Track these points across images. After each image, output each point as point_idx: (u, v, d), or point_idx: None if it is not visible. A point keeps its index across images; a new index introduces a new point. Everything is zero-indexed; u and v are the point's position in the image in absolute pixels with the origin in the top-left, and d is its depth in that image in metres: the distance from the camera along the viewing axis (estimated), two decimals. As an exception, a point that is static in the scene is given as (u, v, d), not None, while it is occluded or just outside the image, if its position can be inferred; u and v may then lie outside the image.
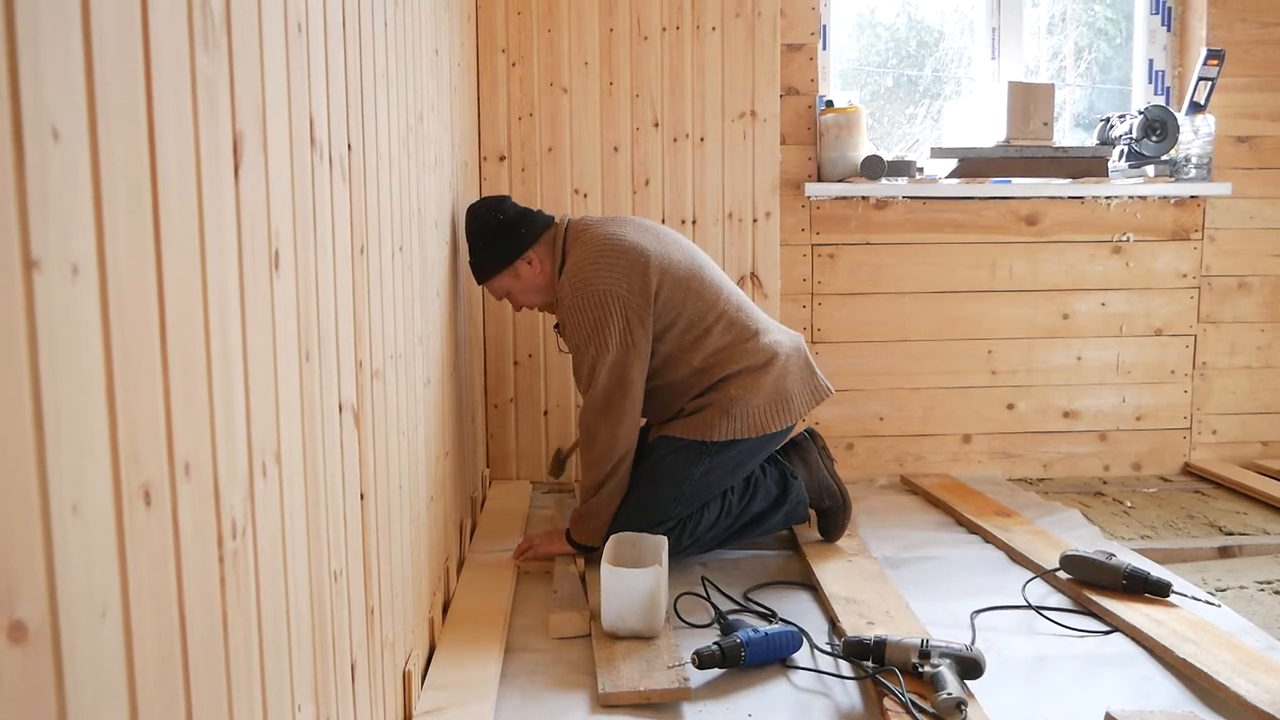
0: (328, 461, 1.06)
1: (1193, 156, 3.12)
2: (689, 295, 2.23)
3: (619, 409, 2.17)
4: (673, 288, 2.21)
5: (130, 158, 0.61)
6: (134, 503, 0.61)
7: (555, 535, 2.28)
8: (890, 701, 1.56)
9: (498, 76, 2.92)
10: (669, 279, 2.21)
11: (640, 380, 2.19)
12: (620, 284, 2.16)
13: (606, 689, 1.62)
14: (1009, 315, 3.16)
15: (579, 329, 2.18)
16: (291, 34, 0.94)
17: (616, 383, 2.16)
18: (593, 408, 2.19)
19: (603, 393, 2.17)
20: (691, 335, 2.23)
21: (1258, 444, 3.28)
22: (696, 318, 2.23)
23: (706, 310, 2.24)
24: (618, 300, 2.15)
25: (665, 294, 2.20)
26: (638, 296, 2.17)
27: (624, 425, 2.18)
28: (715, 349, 2.24)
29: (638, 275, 2.18)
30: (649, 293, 2.18)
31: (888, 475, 3.17)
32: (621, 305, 2.15)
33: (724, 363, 2.23)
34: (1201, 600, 1.99)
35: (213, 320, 0.74)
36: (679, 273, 2.23)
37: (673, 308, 2.21)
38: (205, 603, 0.72)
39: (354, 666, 1.17)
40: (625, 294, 2.16)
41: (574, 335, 2.20)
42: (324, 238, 1.05)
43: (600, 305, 2.15)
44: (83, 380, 0.55)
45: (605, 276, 2.17)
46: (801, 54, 3.06)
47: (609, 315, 2.15)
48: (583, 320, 2.17)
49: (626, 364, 2.16)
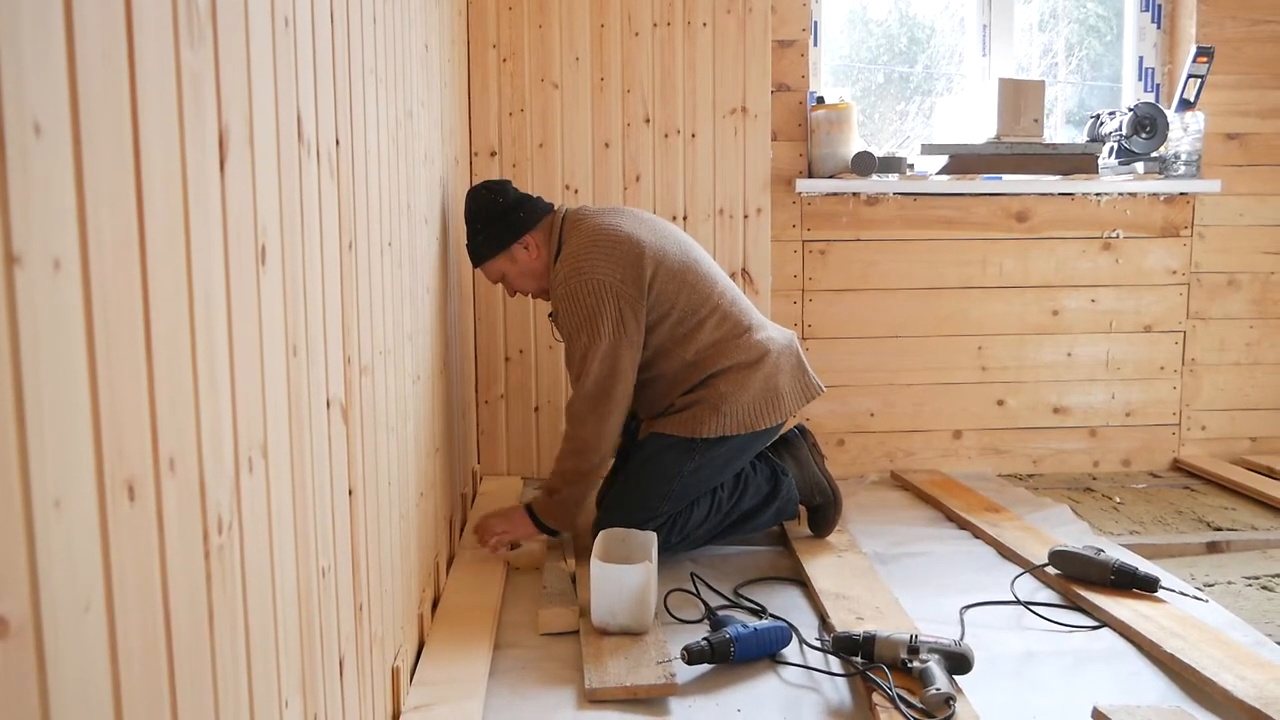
0: (315, 457, 1.06)
1: (1182, 153, 3.13)
2: (683, 287, 2.23)
3: (609, 399, 2.17)
4: (666, 279, 2.21)
5: (114, 152, 0.61)
6: (118, 497, 0.61)
7: (516, 516, 2.26)
8: (879, 697, 1.56)
9: (488, 72, 2.92)
10: (663, 270, 2.21)
11: (631, 371, 2.19)
12: (614, 274, 2.17)
13: (594, 684, 1.62)
14: (999, 311, 3.16)
15: (572, 317, 2.18)
16: (279, 28, 0.94)
17: (608, 372, 2.16)
18: (583, 397, 2.19)
19: (594, 382, 2.17)
20: (684, 328, 2.23)
21: (1246, 440, 3.29)
22: (690, 310, 2.23)
23: (700, 303, 2.24)
24: (611, 290, 2.15)
25: (659, 285, 2.20)
26: (631, 286, 2.17)
27: (613, 416, 2.19)
28: (708, 343, 2.24)
29: (632, 265, 2.18)
30: (642, 283, 2.18)
31: (878, 471, 3.18)
32: (615, 295, 2.15)
33: (716, 357, 2.24)
34: (1189, 596, 2.00)
35: (198, 315, 0.74)
36: (673, 265, 2.23)
37: (666, 299, 2.21)
38: (190, 598, 0.72)
39: (342, 662, 1.17)
40: (619, 284, 2.16)
41: (567, 323, 2.20)
42: (311, 233, 1.05)
43: (594, 294, 2.15)
44: (65, 375, 0.55)
45: (599, 266, 2.17)
46: (793, 50, 3.06)
47: (602, 304, 2.15)
48: (576, 309, 2.17)
49: (618, 354, 2.16)
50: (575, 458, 2.21)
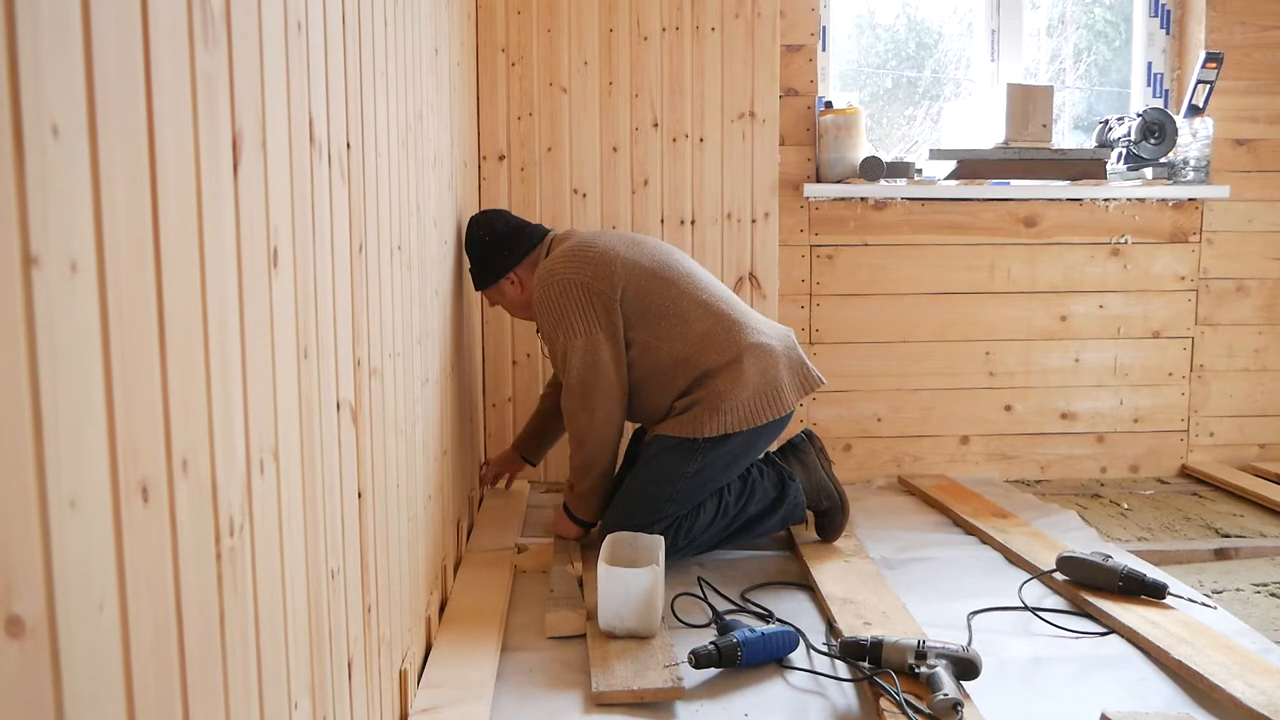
0: (325, 460, 1.06)
1: (1191, 159, 3.12)
2: (660, 282, 2.28)
3: (594, 391, 2.23)
4: (641, 275, 2.27)
5: (129, 155, 0.61)
6: (132, 499, 0.61)
7: (559, 517, 2.42)
8: (886, 702, 1.56)
9: (497, 76, 2.92)
10: (638, 268, 2.28)
11: (613, 364, 2.24)
12: (583, 272, 2.25)
13: (600, 688, 1.62)
14: (1007, 317, 3.16)
15: (547, 318, 2.27)
16: (291, 32, 0.94)
17: (589, 365, 2.23)
18: (570, 393, 2.28)
19: (576, 377, 2.24)
20: (668, 323, 2.26)
21: (1255, 446, 3.28)
22: (670, 303, 2.26)
23: (680, 296, 2.28)
24: (580, 286, 2.24)
25: (636, 282, 2.26)
26: (601, 282, 2.24)
27: (601, 408, 2.25)
28: (696, 335, 2.25)
29: (602, 265, 2.26)
30: (613, 279, 2.25)
31: (885, 476, 3.17)
32: (583, 290, 2.23)
33: (706, 351, 2.24)
34: (1198, 602, 1.99)
35: (211, 317, 0.74)
36: (648, 263, 2.30)
37: (645, 294, 2.26)
38: (202, 599, 0.72)
39: (350, 664, 1.17)
40: (588, 279, 2.24)
41: (544, 327, 2.30)
42: (323, 236, 1.06)
43: (563, 293, 2.24)
44: (81, 376, 0.55)
45: (568, 268, 2.27)
46: (801, 55, 3.06)
47: (571, 300, 2.23)
48: (550, 309, 2.26)
49: (595, 346, 2.22)
50: (578, 452, 2.32)
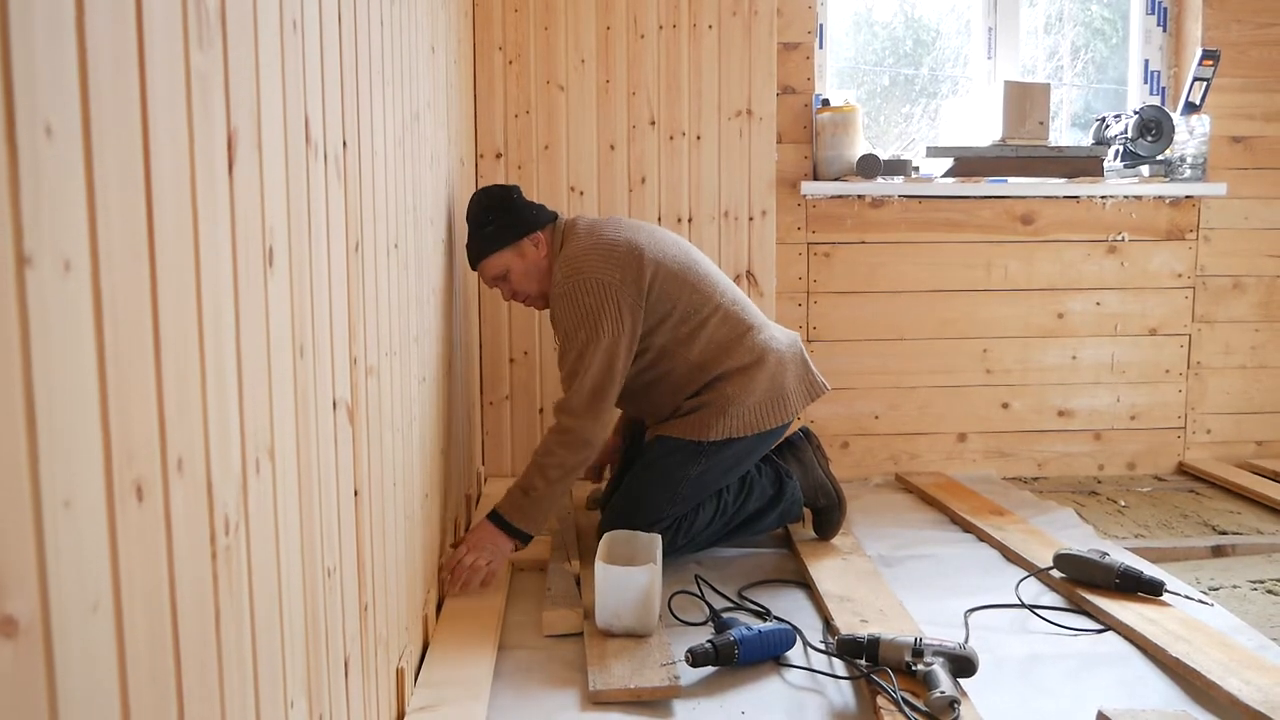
0: (322, 458, 1.06)
1: (1188, 157, 3.13)
2: (683, 287, 2.23)
3: (606, 395, 2.16)
4: (666, 279, 2.22)
5: (124, 153, 0.61)
6: (126, 498, 0.61)
7: (486, 534, 2.10)
8: (883, 700, 1.56)
9: (494, 74, 2.92)
10: (663, 271, 2.22)
11: (623, 374, 2.18)
12: (614, 274, 2.17)
13: (597, 686, 1.63)
14: (1004, 314, 3.16)
15: (570, 314, 2.17)
16: (287, 31, 0.94)
17: (606, 368, 2.14)
18: (581, 392, 2.14)
19: (592, 378, 2.14)
20: (687, 327, 2.23)
21: (1252, 444, 3.29)
22: (692, 309, 2.23)
23: (702, 303, 2.25)
24: (610, 288, 2.16)
25: (659, 286, 2.21)
26: (631, 287, 2.17)
27: (607, 412, 2.17)
28: (712, 342, 2.24)
29: (631, 267, 2.18)
30: (642, 284, 2.19)
31: (882, 474, 3.18)
32: (615, 295, 2.15)
33: (720, 357, 2.24)
34: (1195, 599, 2.00)
35: (206, 316, 0.74)
36: (673, 266, 2.24)
37: (667, 299, 2.22)
38: (197, 598, 0.72)
39: (347, 663, 1.17)
40: (619, 284, 2.16)
41: (564, 321, 2.19)
42: (319, 234, 1.05)
43: (593, 293, 2.15)
44: (75, 375, 0.55)
45: (599, 267, 2.18)
46: (798, 53, 3.06)
47: (603, 302, 2.15)
48: (575, 306, 2.16)
49: (615, 352, 2.15)
50: (570, 451, 2.14)
